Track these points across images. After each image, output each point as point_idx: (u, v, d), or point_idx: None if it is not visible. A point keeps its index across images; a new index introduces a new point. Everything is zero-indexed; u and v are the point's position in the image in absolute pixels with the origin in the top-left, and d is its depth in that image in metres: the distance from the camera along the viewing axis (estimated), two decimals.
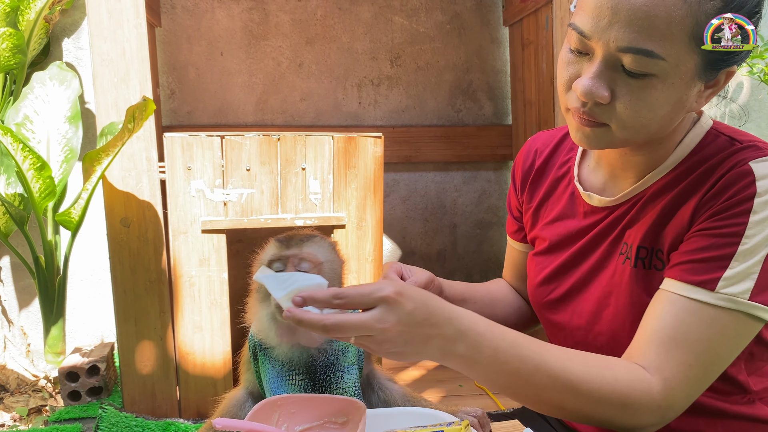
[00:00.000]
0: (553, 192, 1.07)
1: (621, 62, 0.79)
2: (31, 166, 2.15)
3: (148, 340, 2.11)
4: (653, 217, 0.90)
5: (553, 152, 1.09)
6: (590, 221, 0.99)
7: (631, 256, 0.91)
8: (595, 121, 0.84)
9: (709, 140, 0.90)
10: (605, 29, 0.78)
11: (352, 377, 0.91)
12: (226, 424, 0.77)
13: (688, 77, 0.80)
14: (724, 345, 0.82)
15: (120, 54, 2.02)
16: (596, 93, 0.81)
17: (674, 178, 0.90)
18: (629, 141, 0.86)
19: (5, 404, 2.29)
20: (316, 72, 2.94)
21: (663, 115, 0.82)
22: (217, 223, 2.06)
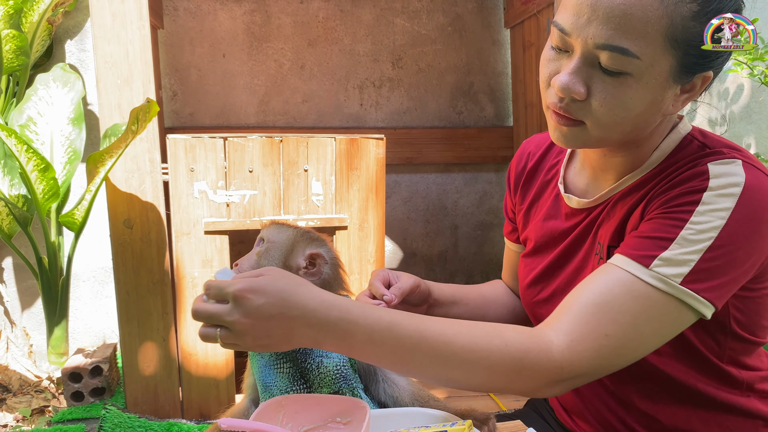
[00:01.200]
0: (542, 194, 1.09)
1: (598, 60, 0.81)
2: (35, 167, 2.15)
3: (151, 341, 2.12)
4: (620, 216, 0.92)
5: (544, 155, 1.11)
6: (571, 223, 1.01)
7: (604, 256, 0.93)
8: (571, 118, 0.86)
9: (684, 145, 0.91)
10: (584, 26, 0.80)
11: (334, 361, 0.93)
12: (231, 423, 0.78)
13: (662, 78, 0.82)
14: (648, 324, 0.81)
15: (123, 56, 2.03)
16: (572, 89, 0.83)
17: (644, 181, 0.92)
18: (604, 140, 0.88)
19: (8, 405, 2.29)
20: (317, 74, 2.94)
21: (637, 115, 0.84)
22: (220, 224, 2.06)
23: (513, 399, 2.26)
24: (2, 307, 2.72)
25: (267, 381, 0.92)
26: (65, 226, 2.30)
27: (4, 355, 2.54)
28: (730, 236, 0.80)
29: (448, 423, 0.83)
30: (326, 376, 0.92)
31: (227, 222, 2.07)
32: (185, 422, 2.06)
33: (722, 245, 0.80)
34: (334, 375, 0.93)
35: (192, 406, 2.15)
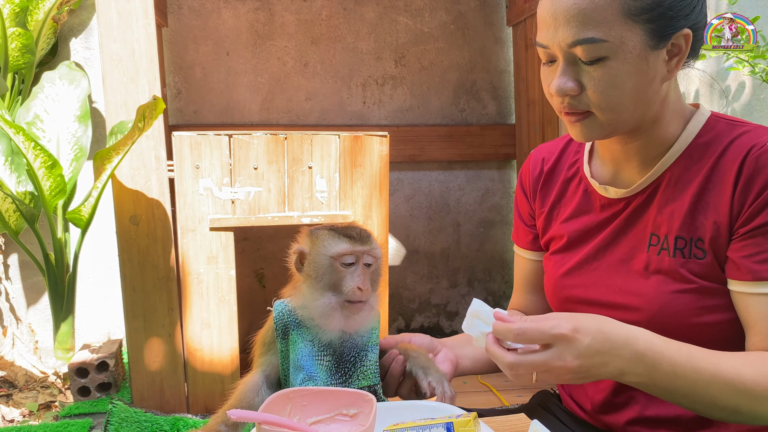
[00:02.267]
0: (565, 193, 1.11)
1: (577, 56, 0.89)
2: (42, 164, 2.17)
3: (157, 337, 2.14)
4: (685, 206, 0.94)
5: (560, 157, 1.14)
6: (608, 214, 1.03)
7: (668, 247, 0.94)
8: (578, 112, 0.93)
9: (711, 125, 0.95)
10: (554, 35, 0.90)
11: (374, 356, 0.96)
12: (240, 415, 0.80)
13: (639, 50, 0.88)
14: None
15: (129, 54, 2.05)
16: (565, 87, 0.91)
17: (689, 164, 0.95)
18: (617, 122, 0.92)
19: (14, 400, 2.32)
20: (321, 72, 2.96)
21: (631, 89, 0.89)
22: (225, 221, 2.08)
23: (515, 395, 2.28)
24: (8, 304, 2.74)
25: (306, 368, 0.94)
26: (72, 223, 2.32)
27: (10, 352, 2.56)
28: None
29: (453, 415, 0.85)
30: (368, 369, 0.95)
31: (232, 218, 2.09)
32: (191, 417, 2.08)
33: None
34: (374, 370, 0.95)
35: (197, 401, 2.17)
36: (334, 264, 0.91)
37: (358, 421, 0.87)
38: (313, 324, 0.93)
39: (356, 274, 0.91)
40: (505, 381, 2.43)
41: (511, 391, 2.32)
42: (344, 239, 0.93)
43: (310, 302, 0.92)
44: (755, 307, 0.87)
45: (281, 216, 2.12)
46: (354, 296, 0.91)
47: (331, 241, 0.94)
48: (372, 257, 0.94)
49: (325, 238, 0.94)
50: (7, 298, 2.72)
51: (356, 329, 0.95)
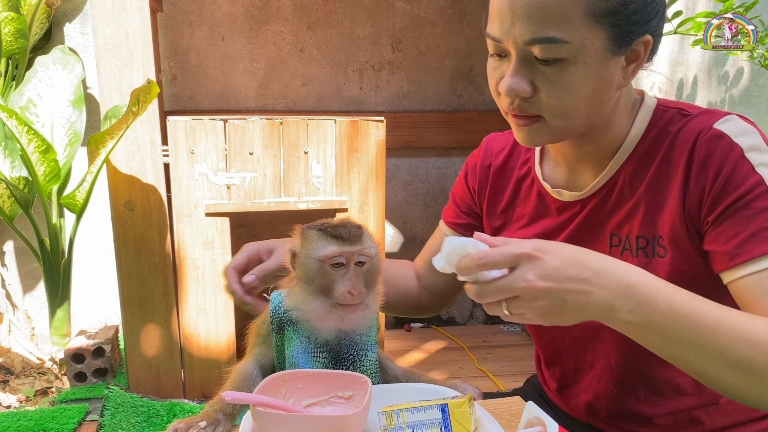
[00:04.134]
0: (518, 193, 1.07)
1: (533, 55, 0.83)
2: (36, 149, 2.16)
3: (153, 323, 2.14)
4: (641, 204, 0.91)
5: (512, 152, 1.10)
6: (565, 216, 1.00)
7: (630, 247, 0.92)
8: (528, 115, 0.87)
9: (658, 117, 0.92)
10: (510, 29, 0.83)
11: (374, 355, 0.93)
12: (235, 396, 0.79)
13: (599, 55, 0.83)
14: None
15: (123, 38, 2.03)
16: (517, 88, 0.85)
17: (641, 160, 0.92)
18: (567, 129, 0.88)
19: (11, 386, 2.32)
20: (317, 57, 2.94)
21: (587, 96, 0.85)
22: (221, 206, 2.07)
23: (512, 380, 2.29)
24: (4, 291, 2.73)
25: (301, 367, 0.91)
26: (66, 208, 2.31)
27: (7, 338, 2.56)
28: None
29: (447, 396, 0.85)
30: (367, 369, 0.92)
31: (228, 204, 2.08)
32: (187, 402, 2.08)
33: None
34: (374, 369, 0.93)
35: (194, 387, 2.17)
36: (323, 266, 0.87)
37: (353, 403, 0.87)
38: (308, 323, 0.91)
39: (347, 277, 0.86)
40: (501, 366, 2.44)
41: (508, 376, 2.33)
42: (332, 240, 0.88)
43: (303, 304, 0.89)
44: (748, 289, 0.82)
45: (277, 201, 2.12)
46: (345, 300, 0.87)
47: (319, 242, 0.89)
48: (364, 257, 0.88)
49: (313, 239, 0.89)
50: (2, 284, 2.71)
51: (353, 327, 0.91)
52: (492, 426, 0.82)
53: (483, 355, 2.55)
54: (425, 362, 2.52)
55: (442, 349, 2.65)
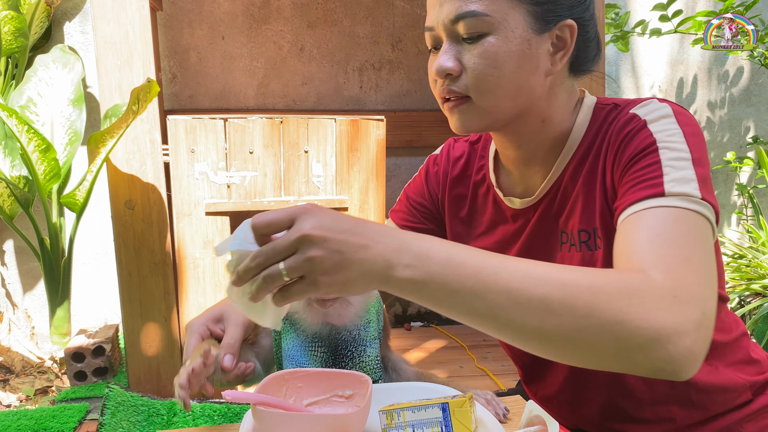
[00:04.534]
0: (476, 198, 1.08)
1: (459, 34, 0.87)
2: (36, 148, 2.16)
3: (153, 322, 2.14)
4: (580, 198, 0.93)
5: (468, 159, 1.11)
6: (521, 222, 1.01)
7: (576, 242, 0.93)
8: (457, 96, 0.90)
9: (597, 113, 0.95)
10: (438, 13, 0.88)
11: (374, 351, 0.93)
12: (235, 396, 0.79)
13: (521, 30, 0.86)
14: (702, 244, 0.76)
15: (123, 37, 2.03)
16: (445, 66, 0.88)
17: (581, 158, 0.94)
18: (495, 109, 0.89)
19: (11, 385, 2.32)
20: (317, 56, 2.94)
21: (511, 72, 0.87)
22: (221, 205, 2.07)
23: (512, 379, 2.29)
24: (4, 290, 2.73)
25: (298, 360, 0.91)
26: (67, 207, 2.31)
27: (7, 337, 2.56)
28: (695, 146, 0.83)
29: (448, 395, 0.85)
30: (366, 365, 0.92)
31: (228, 203, 2.08)
32: None
33: (698, 158, 0.82)
34: (375, 365, 0.93)
35: None
36: None
37: (354, 402, 0.87)
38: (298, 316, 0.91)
39: None
40: (501, 365, 2.44)
41: (508, 375, 2.33)
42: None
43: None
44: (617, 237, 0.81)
45: (277, 200, 2.11)
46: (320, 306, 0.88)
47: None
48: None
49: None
50: (2, 284, 2.71)
51: (340, 323, 0.91)
52: (493, 425, 0.82)
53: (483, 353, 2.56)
54: (425, 361, 2.52)
55: (442, 348, 2.65)
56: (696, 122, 0.87)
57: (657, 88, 3.30)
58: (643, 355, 0.66)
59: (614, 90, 3.25)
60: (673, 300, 0.68)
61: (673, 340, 0.66)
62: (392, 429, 0.79)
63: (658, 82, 3.31)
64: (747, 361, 0.99)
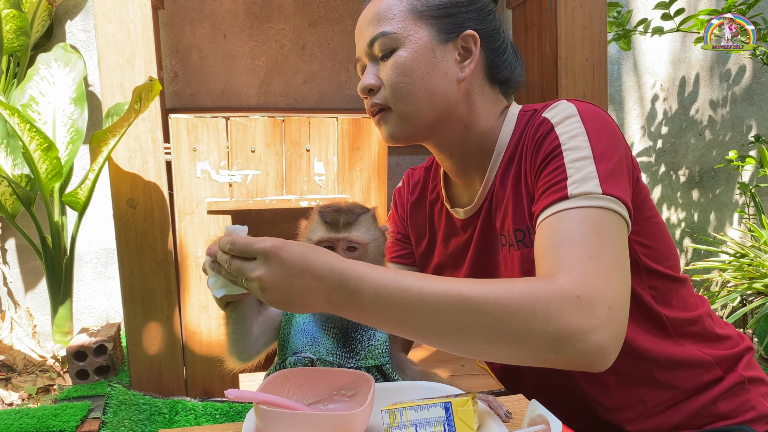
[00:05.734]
0: (433, 216, 1.16)
1: (376, 55, 0.99)
2: (38, 146, 2.16)
3: (155, 320, 2.14)
4: (510, 200, 0.98)
5: (425, 182, 1.19)
6: (469, 232, 1.08)
7: (514, 242, 0.98)
8: (380, 108, 0.99)
9: (520, 119, 1.01)
10: (360, 41, 1.01)
11: (383, 335, 0.96)
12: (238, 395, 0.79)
13: (425, 41, 0.96)
14: (607, 238, 0.81)
15: (125, 35, 2.03)
16: (366, 83, 0.99)
17: (507, 163, 1.00)
18: (414, 115, 0.98)
19: (13, 384, 2.32)
20: (318, 54, 2.94)
21: (420, 78, 0.96)
22: (223, 204, 2.07)
23: None
24: (6, 288, 2.73)
25: (315, 336, 0.95)
26: (69, 206, 2.31)
27: (9, 336, 2.56)
28: (599, 142, 0.87)
29: (451, 394, 0.85)
30: (375, 348, 0.95)
31: (230, 202, 2.08)
32: (189, 400, 2.09)
33: (601, 153, 0.86)
34: (383, 349, 0.96)
35: (196, 384, 2.17)
36: None
37: (356, 401, 0.87)
38: None
39: None
40: None
41: None
42: (323, 225, 0.94)
43: None
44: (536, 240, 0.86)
45: (279, 199, 2.11)
46: None
47: (314, 224, 0.95)
48: (354, 243, 0.93)
49: (312, 221, 0.96)
50: (4, 282, 2.71)
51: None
52: (495, 424, 0.82)
53: None
54: (427, 360, 2.52)
55: None
56: (604, 117, 0.91)
57: (659, 86, 3.30)
58: (555, 355, 0.73)
59: (616, 88, 3.24)
60: (577, 300, 0.73)
61: (580, 338, 0.72)
62: (395, 428, 0.79)
63: (660, 80, 3.30)
64: (713, 337, 1.02)
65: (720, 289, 2.76)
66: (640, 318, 0.97)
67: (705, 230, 3.43)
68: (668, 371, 0.98)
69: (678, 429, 0.99)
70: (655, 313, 0.97)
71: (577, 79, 2.29)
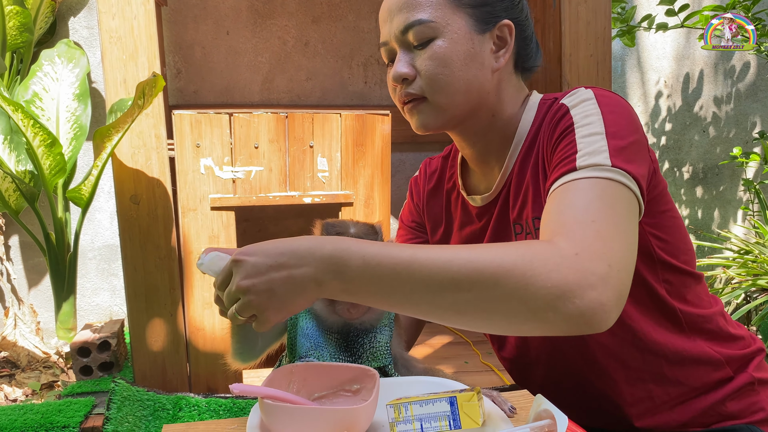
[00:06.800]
0: (450, 205, 1.15)
1: (410, 42, 0.95)
2: (41, 142, 2.16)
3: (159, 317, 2.14)
4: (530, 188, 0.97)
5: (442, 171, 1.18)
6: (484, 220, 1.07)
7: (531, 230, 0.97)
8: (414, 97, 0.97)
9: (542, 107, 1.00)
10: (390, 27, 0.97)
11: (384, 338, 0.96)
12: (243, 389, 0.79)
13: (464, 32, 0.94)
14: (613, 206, 0.80)
15: (128, 31, 2.02)
16: (401, 71, 0.96)
17: (527, 150, 0.99)
18: (450, 106, 0.96)
19: (17, 380, 2.32)
20: (321, 51, 2.93)
21: (459, 69, 0.94)
22: (226, 200, 2.07)
23: None
24: (9, 285, 2.74)
25: (317, 340, 0.95)
26: (72, 202, 2.31)
27: (12, 332, 2.56)
28: (613, 122, 0.87)
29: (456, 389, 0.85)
30: (377, 351, 0.95)
31: (233, 198, 2.08)
32: (193, 396, 2.08)
33: (614, 131, 0.86)
34: (385, 350, 0.95)
35: (200, 380, 2.17)
36: None
37: (361, 396, 0.87)
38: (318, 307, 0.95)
39: None
40: None
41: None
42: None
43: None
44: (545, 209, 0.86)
45: (282, 195, 2.11)
46: (345, 315, 0.93)
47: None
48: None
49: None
50: (8, 278, 2.72)
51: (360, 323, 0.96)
52: (500, 419, 0.82)
53: (488, 349, 2.55)
54: (430, 357, 2.52)
55: (447, 344, 2.64)
56: (620, 102, 0.91)
57: (663, 83, 3.29)
58: (553, 313, 0.70)
59: (620, 85, 3.24)
60: (575, 257, 0.71)
61: (578, 293, 0.69)
62: (400, 423, 0.79)
63: (664, 77, 3.29)
64: (725, 336, 1.01)
65: (724, 286, 2.75)
66: (654, 311, 0.97)
67: (709, 227, 3.42)
68: (678, 367, 0.97)
69: (686, 426, 0.98)
70: (668, 307, 0.97)
71: (581, 75, 2.28)
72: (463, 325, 0.76)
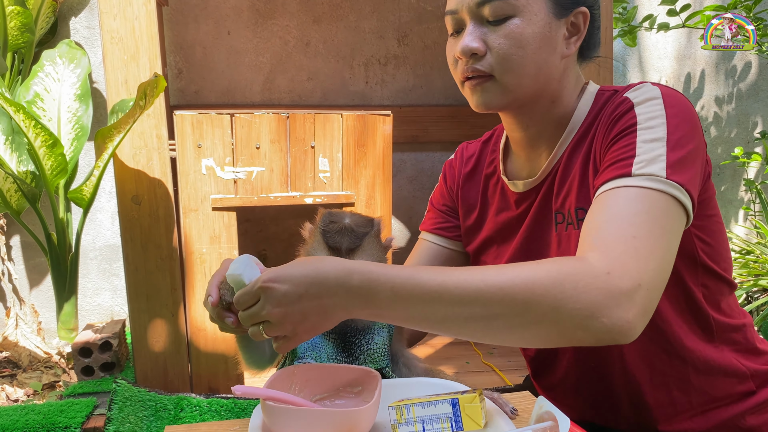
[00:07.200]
0: (488, 190, 1.13)
1: (485, 17, 0.92)
2: (43, 143, 2.16)
3: (160, 317, 2.14)
4: (576, 177, 0.96)
5: (480, 155, 1.16)
6: (523, 207, 1.05)
7: (573, 220, 0.96)
8: (481, 75, 0.94)
9: (599, 98, 0.99)
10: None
11: (382, 339, 0.95)
12: (245, 391, 0.79)
13: (543, 14, 0.92)
14: (659, 221, 0.80)
15: (129, 31, 2.03)
16: (471, 46, 0.92)
17: (579, 139, 0.98)
18: (517, 88, 0.94)
19: (18, 380, 2.32)
20: (323, 51, 2.93)
21: (533, 51, 0.92)
22: (228, 200, 2.07)
23: (518, 375, 2.28)
24: (11, 285, 2.74)
25: (315, 341, 0.95)
26: (74, 202, 2.31)
27: (14, 332, 2.57)
28: (677, 128, 0.85)
29: (458, 391, 0.85)
30: (374, 352, 0.94)
31: (235, 198, 2.08)
32: (194, 396, 2.09)
33: (677, 139, 0.85)
34: (382, 352, 0.95)
35: (201, 381, 2.17)
36: None
37: (363, 397, 0.87)
38: None
39: None
40: (507, 361, 2.44)
41: (514, 371, 2.33)
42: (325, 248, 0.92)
43: None
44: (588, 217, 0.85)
45: (284, 196, 2.11)
46: None
47: (316, 243, 0.94)
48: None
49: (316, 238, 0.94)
50: (9, 279, 2.72)
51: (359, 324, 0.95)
52: (502, 420, 0.82)
53: (489, 349, 2.55)
54: (432, 357, 2.52)
55: (448, 345, 2.64)
56: (686, 105, 0.89)
57: (664, 83, 3.29)
58: (583, 331, 0.73)
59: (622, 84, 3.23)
60: (606, 276, 0.73)
61: (605, 312, 0.71)
62: (402, 424, 0.79)
63: (666, 77, 3.29)
64: (752, 349, 1.01)
65: None
66: (688, 314, 0.96)
67: None
68: (704, 376, 0.96)
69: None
70: (703, 313, 0.96)
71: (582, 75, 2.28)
72: (493, 342, 0.79)
